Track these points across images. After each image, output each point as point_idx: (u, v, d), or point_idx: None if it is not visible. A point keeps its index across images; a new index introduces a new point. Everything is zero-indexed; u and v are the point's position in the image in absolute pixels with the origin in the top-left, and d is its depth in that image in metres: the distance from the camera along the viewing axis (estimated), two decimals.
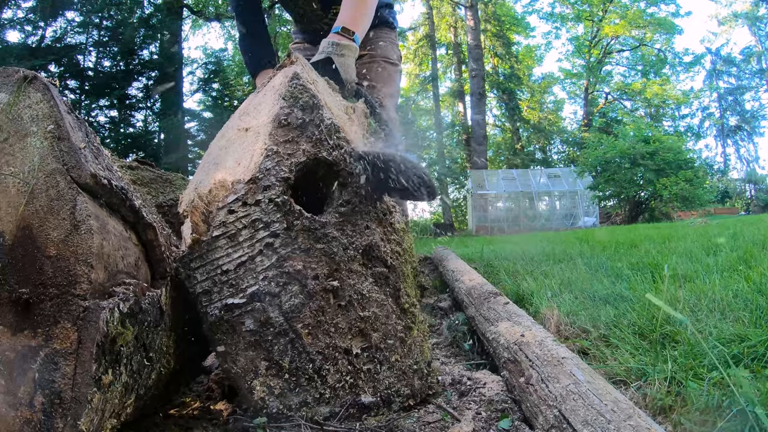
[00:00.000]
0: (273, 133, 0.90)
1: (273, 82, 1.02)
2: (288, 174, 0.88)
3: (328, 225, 0.90)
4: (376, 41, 2.02)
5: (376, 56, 2.00)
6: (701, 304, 1.25)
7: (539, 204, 18.71)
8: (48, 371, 0.56)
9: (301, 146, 0.91)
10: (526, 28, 25.28)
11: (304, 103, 0.94)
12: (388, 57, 2.03)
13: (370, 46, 2.00)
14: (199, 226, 0.84)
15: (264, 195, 0.86)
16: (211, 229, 0.84)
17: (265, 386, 0.84)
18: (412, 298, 1.01)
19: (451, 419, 0.88)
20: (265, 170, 0.87)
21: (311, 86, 0.97)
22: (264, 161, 0.87)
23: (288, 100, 0.93)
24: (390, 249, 0.98)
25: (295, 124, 0.92)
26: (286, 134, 0.91)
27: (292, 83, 0.94)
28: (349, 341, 0.89)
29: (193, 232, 0.84)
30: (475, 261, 3.19)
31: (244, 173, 0.87)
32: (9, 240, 0.57)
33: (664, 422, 0.79)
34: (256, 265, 0.84)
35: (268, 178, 0.86)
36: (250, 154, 0.89)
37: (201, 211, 0.85)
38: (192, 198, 0.86)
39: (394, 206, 1.07)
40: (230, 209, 0.84)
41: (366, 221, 0.95)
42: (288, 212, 0.87)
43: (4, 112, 0.61)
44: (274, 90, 0.97)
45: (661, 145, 11.11)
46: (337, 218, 0.92)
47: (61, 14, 10.52)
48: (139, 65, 11.67)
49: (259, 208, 0.85)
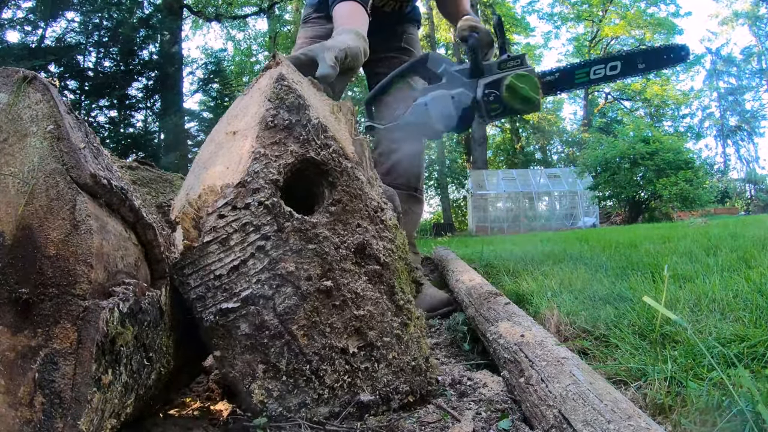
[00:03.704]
0: (260, 136, 0.89)
1: (259, 84, 1.02)
2: (276, 176, 0.88)
3: (319, 225, 0.90)
4: (411, 38, 2.17)
5: (414, 55, 2.19)
6: (701, 305, 1.25)
7: (539, 204, 18.72)
8: (48, 371, 0.56)
9: (289, 147, 0.91)
10: (526, 28, 25.29)
11: (290, 103, 0.93)
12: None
13: (407, 44, 2.14)
14: (190, 232, 0.84)
15: (253, 198, 0.85)
16: (202, 235, 0.83)
17: (264, 389, 0.84)
18: (407, 294, 1.01)
19: (451, 419, 0.88)
20: (254, 173, 0.86)
21: (297, 86, 0.97)
22: (252, 164, 0.87)
23: (274, 102, 0.93)
24: (383, 246, 0.98)
25: (282, 125, 0.91)
26: (274, 136, 0.91)
27: (278, 84, 0.94)
28: (345, 341, 0.89)
29: (185, 238, 0.84)
30: (475, 261, 3.19)
31: (233, 177, 0.86)
32: (9, 240, 0.57)
33: (664, 422, 0.79)
34: (249, 269, 0.84)
35: (256, 181, 0.86)
36: (238, 157, 0.89)
37: (191, 217, 0.85)
38: (183, 204, 0.86)
39: (386, 203, 1.07)
40: (220, 214, 0.84)
41: (357, 219, 0.95)
42: (278, 214, 0.87)
43: (3, 112, 0.61)
44: (261, 92, 0.97)
45: (661, 145, 11.12)
46: (327, 218, 0.92)
47: (61, 14, 10.52)
48: (139, 65, 11.66)
49: (249, 212, 0.85)
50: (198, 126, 12.85)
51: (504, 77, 1.60)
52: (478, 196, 18.27)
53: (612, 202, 13.26)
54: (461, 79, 1.64)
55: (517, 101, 1.59)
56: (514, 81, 1.58)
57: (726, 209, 17.26)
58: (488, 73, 1.63)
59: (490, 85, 1.60)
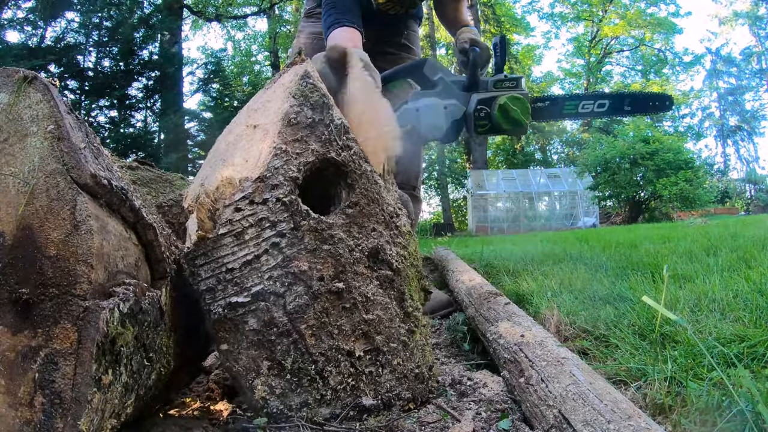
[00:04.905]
0: (282, 132, 0.89)
1: (282, 80, 1.01)
2: (296, 173, 0.88)
3: (335, 226, 0.90)
4: (412, 35, 2.25)
5: (415, 56, 2.21)
6: (701, 305, 1.24)
7: (539, 204, 18.72)
8: (48, 371, 0.56)
9: (311, 146, 0.91)
10: (526, 28, 25.30)
11: (314, 102, 0.93)
12: (419, 56, 2.25)
13: (407, 41, 2.19)
14: (205, 223, 0.84)
15: (271, 194, 0.85)
16: (217, 227, 0.83)
17: (267, 386, 0.84)
18: (416, 301, 1.01)
19: (451, 419, 0.88)
20: (274, 169, 0.86)
21: (321, 85, 0.97)
22: (272, 160, 0.87)
23: (298, 99, 0.92)
24: (396, 252, 0.98)
25: (305, 123, 0.91)
26: (296, 133, 0.90)
27: (303, 81, 0.94)
28: (352, 343, 0.89)
29: (199, 228, 0.84)
30: (475, 261, 3.19)
31: (252, 171, 0.86)
32: (9, 240, 0.57)
33: (664, 422, 0.79)
34: (262, 265, 0.84)
35: (276, 177, 0.86)
36: (258, 151, 0.89)
37: (207, 208, 0.85)
38: (198, 194, 0.86)
39: (401, 208, 1.07)
40: (237, 207, 0.84)
41: (373, 223, 0.95)
42: (295, 212, 0.86)
43: (4, 113, 0.61)
44: (284, 88, 0.97)
45: (661, 145, 11.11)
46: (344, 219, 0.92)
47: (61, 14, 10.52)
48: (139, 65, 11.66)
49: (266, 207, 0.85)
50: (198, 126, 12.86)
51: (498, 96, 1.63)
52: (478, 196, 18.27)
53: (612, 202, 13.26)
54: (455, 90, 1.66)
55: (506, 122, 1.63)
56: (508, 102, 1.62)
57: (726, 209, 17.25)
58: (483, 89, 1.66)
59: (483, 101, 1.64)
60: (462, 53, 1.78)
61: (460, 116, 1.64)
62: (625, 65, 26.78)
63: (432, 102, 1.62)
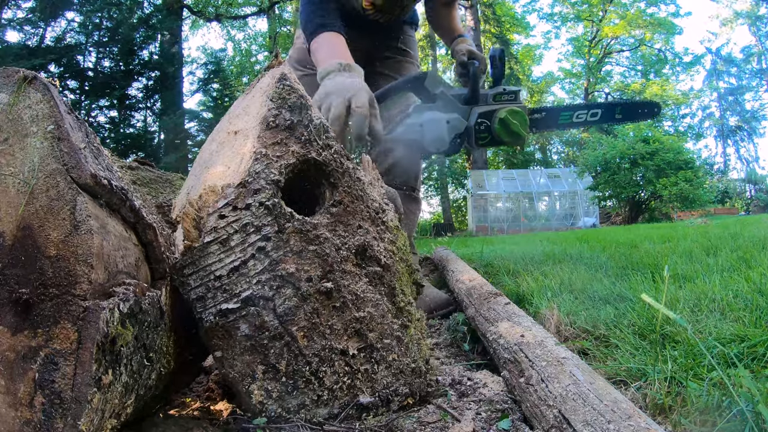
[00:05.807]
0: (261, 136, 0.89)
1: (260, 84, 1.01)
2: (278, 176, 0.88)
3: (320, 226, 0.90)
4: (409, 40, 2.23)
5: (413, 59, 2.25)
6: (701, 305, 1.24)
7: (539, 204, 18.72)
8: (48, 371, 0.56)
9: (291, 148, 0.91)
10: (526, 28, 25.30)
11: (292, 103, 0.93)
12: (417, 60, 2.29)
13: (404, 45, 2.20)
14: (190, 233, 0.84)
15: (254, 198, 0.85)
16: (202, 235, 0.83)
17: (263, 390, 0.84)
18: (407, 296, 1.01)
19: (451, 419, 0.88)
20: (255, 173, 0.86)
21: (299, 86, 0.96)
22: (253, 164, 0.87)
23: (276, 102, 0.92)
24: (383, 248, 0.98)
25: (284, 125, 0.91)
26: (275, 136, 0.90)
27: (280, 84, 0.94)
28: (345, 342, 0.89)
29: (185, 238, 0.84)
30: (475, 261, 3.18)
31: (234, 177, 0.86)
32: (9, 240, 0.57)
33: (664, 422, 0.79)
34: (249, 270, 0.84)
35: (257, 182, 0.86)
36: (239, 157, 0.89)
37: (192, 217, 0.85)
38: (183, 204, 0.86)
39: (388, 204, 1.07)
40: (221, 214, 0.84)
41: (358, 221, 0.95)
42: (279, 215, 0.86)
43: (3, 113, 0.61)
44: (262, 91, 0.97)
45: (661, 145, 11.11)
46: (328, 219, 0.92)
47: (61, 14, 10.52)
48: (139, 65, 11.67)
49: (249, 212, 0.85)
50: (198, 126, 12.85)
51: (498, 110, 1.67)
52: (478, 196, 18.27)
53: (612, 202, 13.25)
54: (456, 104, 1.69)
55: (506, 135, 1.68)
56: (507, 116, 1.65)
57: (726, 209, 17.24)
58: (483, 102, 1.69)
59: (483, 114, 1.67)
60: (461, 66, 1.82)
61: (463, 130, 1.68)
62: (625, 65, 26.79)
63: (435, 117, 1.66)
